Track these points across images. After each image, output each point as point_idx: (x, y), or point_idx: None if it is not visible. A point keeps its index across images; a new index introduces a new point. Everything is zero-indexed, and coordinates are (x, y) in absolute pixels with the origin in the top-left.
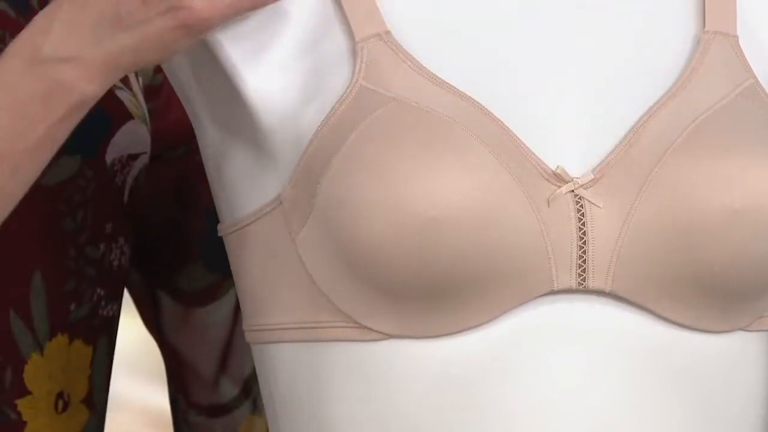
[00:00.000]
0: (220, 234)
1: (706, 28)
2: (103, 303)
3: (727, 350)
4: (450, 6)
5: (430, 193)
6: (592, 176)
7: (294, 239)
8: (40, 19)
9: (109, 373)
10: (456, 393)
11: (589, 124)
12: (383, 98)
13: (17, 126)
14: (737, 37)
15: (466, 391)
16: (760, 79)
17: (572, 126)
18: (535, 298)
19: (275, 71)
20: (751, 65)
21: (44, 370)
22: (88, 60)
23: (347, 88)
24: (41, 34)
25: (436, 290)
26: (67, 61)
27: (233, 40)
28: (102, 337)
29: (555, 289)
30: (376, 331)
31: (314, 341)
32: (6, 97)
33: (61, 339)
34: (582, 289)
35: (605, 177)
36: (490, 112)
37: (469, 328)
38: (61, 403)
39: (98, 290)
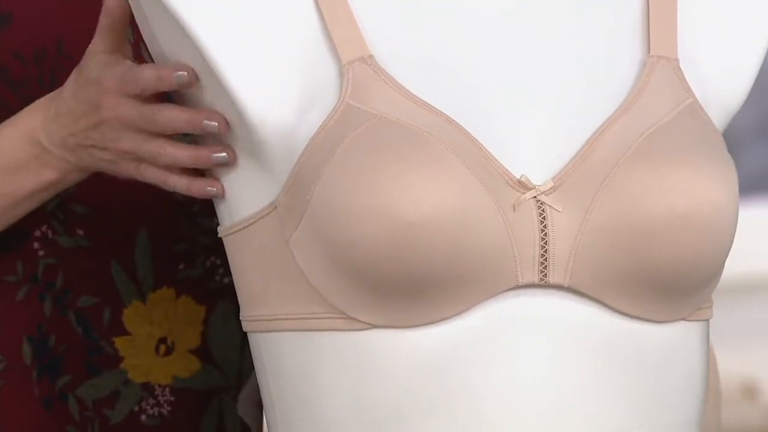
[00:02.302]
0: (219, 235)
1: (651, 53)
2: (220, 271)
3: (670, 338)
4: (425, 32)
5: (410, 200)
6: (552, 184)
7: (288, 240)
8: (44, 103)
9: (237, 339)
10: (433, 378)
11: (550, 138)
12: (367, 115)
13: (6, 185)
14: (678, 60)
15: (442, 376)
16: (697, 97)
17: (535, 139)
18: (503, 292)
19: (273, 90)
20: (690, 85)
21: (145, 315)
22: (71, 162)
23: (335, 105)
24: (41, 120)
25: (415, 285)
26: (50, 153)
27: (234, 62)
28: (219, 302)
29: (519, 284)
30: (361, 321)
31: (305, 330)
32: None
33: (167, 291)
34: (543, 284)
35: (564, 184)
36: (462, 127)
37: (444, 319)
38: (163, 348)
39: (212, 258)
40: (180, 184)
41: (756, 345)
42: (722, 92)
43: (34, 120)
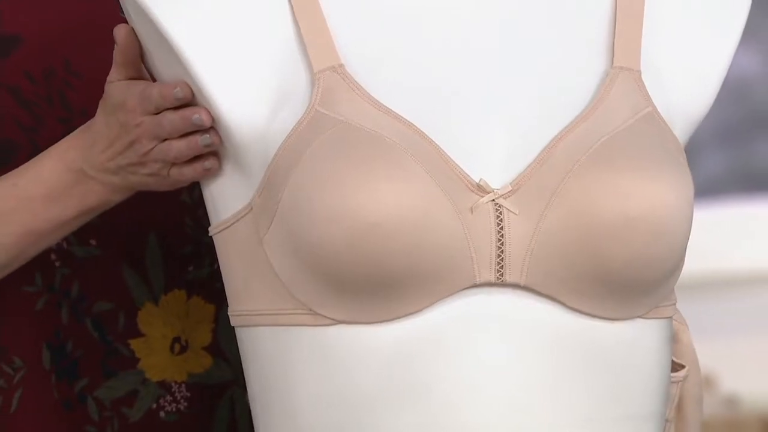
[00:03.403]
0: (210, 234)
1: (614, 64)
2: None
3: (626, 335)
4: (394, 42)
5: (371, 203)
6: (510, 188)
7: (261, 239)
8: (79, 134)
9: None
10: (397, 370)
11: (511, 144)
12: (333, 121)
13: (51, 212)
14: (639, 71)
15: (405, 369)
16: (658, 107)
17: (495, 146)
18: (461, 290)
19: (248, 95)
20: (650, 95)
21: (159, 317)
22: (116, 183)
23: (305, 111)
24: (80, 150)
25: (377, 283)
26: (94, 178)
27: (212, 67)
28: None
29: (477, 282)
30: (327, 317)
31: (278, 325)
32: (41, 188)
33: (178, 293)
34: (500, 282)
35: (521, 188)
36: (424, 133)
37: (406, 315)
38: (177, 346)
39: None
40: (189, 171)
41: (713, 339)
42: (687, 101)
43: (72, 150)
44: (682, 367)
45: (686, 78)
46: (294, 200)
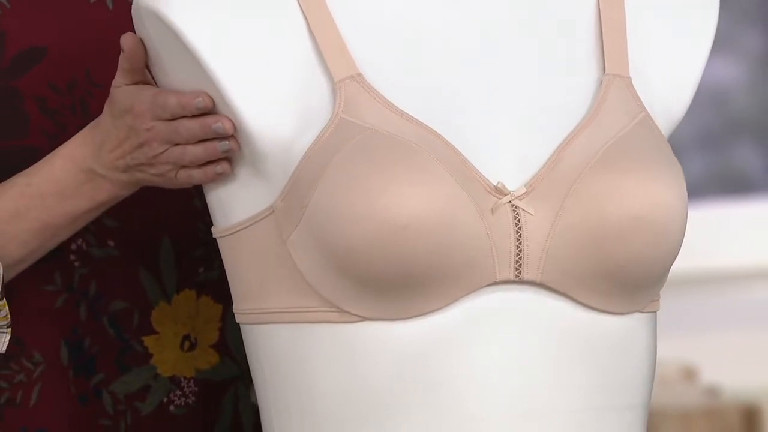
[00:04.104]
0: (214, 236)
1: (606, 72)
2: None
3: (626, 327)
4: (407, 52)
5: (399, 205)
6: (525, 190)
7: (285, 240)
8: (87, 133)
9: None
10: (418, 365)
11: (522, 148)
12: (360, 128)
13: (64, 208)
14: (630, 78)
15: (426, 364)
16: (649, 112)
17: (507, 150)
18: (482, 287)
19: (270, 103)
20: (642, 101)
21: (171, 315)
22: (125, 181)
23: (330, 119)
24: (89, 149)
25: (403, 281)
26: (104, 176)
27: (235, 77)
28: None
29: (497, 280)
30: (353, 314)
31: (300, 323)
32: (54, 186)
33: (189, 293)
34: (518, 280)
35: (535, 190)
36: (444, 138)
37: (429, 312)
38: (187, 344)
39: None
40: (198, 174)
41: (694, 333)
42: (668, 104)
43: (81, 149)
44: None
45: (667, 82)
46: (322, 204)
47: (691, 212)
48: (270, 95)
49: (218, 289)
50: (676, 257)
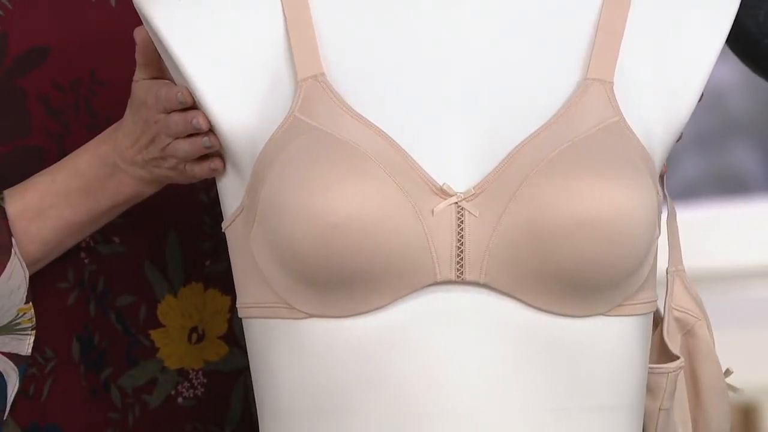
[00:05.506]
0: (223, 230)
1: (587, 76)
2: None
3: (587, 330)
4: (377, 52)
5: (332, 205)
6: (473, 192)
7: (248, 236)
8: (111, 131)
9: None
10: (365, 361)
11: (479, 151)
12: (308, 127)
13: (88, 203)
14: (612, 83)
15: (372, 360)
16: (631, 118)
17: (463, 152)
18: (423, 287)
19: (239, 102)
20: (620, 106)
21: (177, 308)
22: (145, 177)
23: (285, 117)
24: (112, 145)
25: (341, 280)
26: (126, 171)
27: (206, 75)
28: None
29: (438, 280)
30: (301, 311)
31: (262, 318)
32: (78, 181)
33: (196, 286)
34: (460, 280)
35: (485, 192)
36: (392, 140)
37: (373, 310)
38: (195, 336)
39: None
40: (198, 169)
41: None
42: (668, 112)
43: (105, 145)
44: (678, 358)
45: (667, 90)
46: (269, 200)
47: (689, 212)
48: (239, 92)
49: (226, 281)
50: (635, 261)
